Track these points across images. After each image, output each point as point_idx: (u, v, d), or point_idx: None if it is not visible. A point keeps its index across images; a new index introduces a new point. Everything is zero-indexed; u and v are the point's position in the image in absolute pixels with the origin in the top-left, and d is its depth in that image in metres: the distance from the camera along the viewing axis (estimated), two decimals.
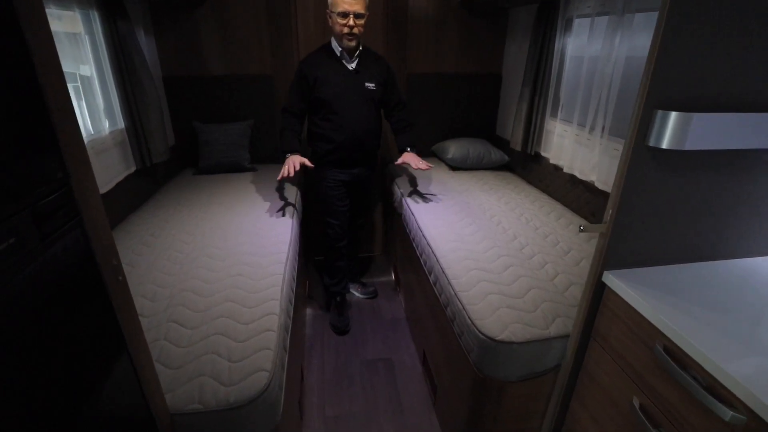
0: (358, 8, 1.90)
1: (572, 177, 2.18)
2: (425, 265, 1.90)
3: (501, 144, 2.96)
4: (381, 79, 2.14)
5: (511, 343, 1.25)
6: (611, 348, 1.08)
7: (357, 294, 2.73)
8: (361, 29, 1.97)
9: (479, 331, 1.30)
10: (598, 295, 1.13)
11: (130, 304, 0.87)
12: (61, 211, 0.69)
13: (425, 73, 2.90)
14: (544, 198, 2.36)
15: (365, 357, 2.22)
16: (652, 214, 1.04)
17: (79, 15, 1.85)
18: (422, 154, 3.00)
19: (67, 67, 1.86)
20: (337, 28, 1.96)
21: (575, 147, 2.13)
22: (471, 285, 1.51)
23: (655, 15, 1.73)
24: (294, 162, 1.97)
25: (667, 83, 0.89)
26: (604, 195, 1.96)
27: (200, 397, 1.04)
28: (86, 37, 1.90)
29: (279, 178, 1.96)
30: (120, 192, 2.02)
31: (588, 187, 2.07)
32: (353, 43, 2.00)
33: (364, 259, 3.15)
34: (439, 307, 1.68)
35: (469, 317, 1.36)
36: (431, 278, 1.79)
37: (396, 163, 2.23)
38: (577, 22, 2.17)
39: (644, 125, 0.92)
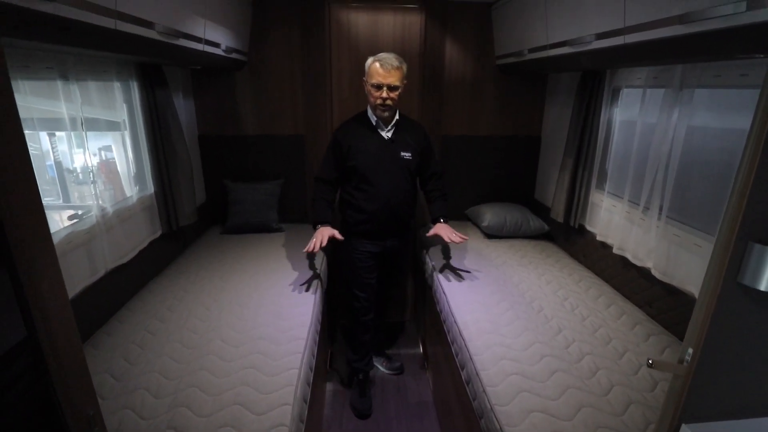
0: (393, 81, 1.85)
1: (623, 259, 1.96)
2: (457, 357, 1.71)
3: (540, 210, 2.78)
4: (417, 148, 2.05)
5: None
6: None
7: (382, 369, 2.53)
8: (396, 100, 1.90)
9: None
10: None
11: None
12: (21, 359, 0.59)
13: (461, 135, 2.81)
14: (590, 277, 2.15)
15: None
16: (745, 359, 0.84)
17: (120, 85, 1.88)
18: (456, 217, 2.88)
19: (101, 141, 1.88)
20: (371, 98, 1.91)
21: (626, 225, 1.93)
22: (510, 396, 1.31)
23: (715, 93, 1.59)
24: (323, 236, 1.89)
25: (766, 210, 0.72)
26: (663, 285, 1.73)
27: None
28: (124, 105, 1.93)
29: (306, 251, 1.87)
30: (141, 258, 1.97)
31: (643, 273, 1.85)
32: (387, 114, 1.93)
33: (390, 326, 2.96)
34: (473, 414, 1.48)
35: (497, 419, 1.16)
36: (463, 375, 1.60)
37: (428, 234, 2.11)
38: (626, 91, 2.03)
39: (735, 259, 0.75)
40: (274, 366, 1.43)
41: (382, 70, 1.84)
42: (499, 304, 1.86)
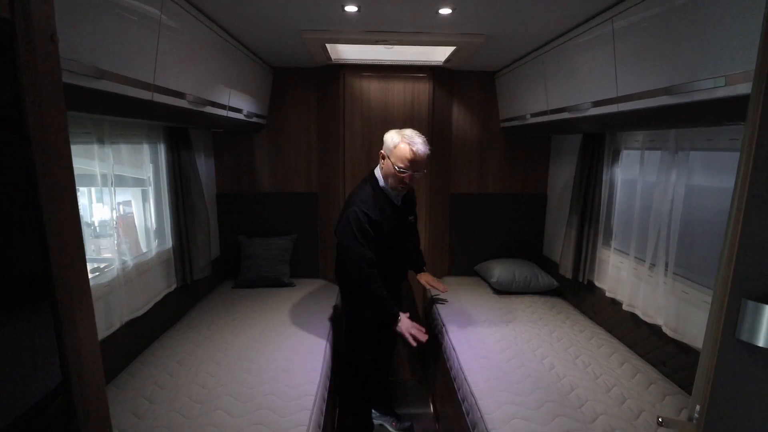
0: (423, 167, 1.92)
1: (634, 315, 1.95)
2: (468, 416, 1.67)
3: (549, 266, 2.80)
4: (414, 208, 2.18)
5: None
6: None
7: (390, 429, 2.44)
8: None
9: None
10: None
11: None
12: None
13: (469, 193, 2.91)
14: (601, 334, 2.12)
15: None
16: (752, 414, 0.84)
17: (148, 147, 2.03)
18: (465, 273, 2.91)
19: (121, 196, 2.00)
20: (394, 178, 1.91)
21: (635, 282, 1.94)
22: None
23: (711, 155, 1.67)
24: (418, 329, 1.94)
25: (758, 268, 0.76)
26: (675, 343, 1.71)
27: None
28: (150, 165, 2.07)
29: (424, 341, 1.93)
30: (155, 311, 2.01)
31: (654, 330, 1.83)
32: (404, 190, 2.01)
33: (399, 384, 2.89)
34: None
35: None
36: None
37: (420, 279, 2.36)
38: (625, 152, 2.13)
39: (731, 315, 0.77)
40: (283, 422, 1.42)
41: (415, 157, 1.84)
42: (509, 361, 1.84)
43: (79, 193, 1.76)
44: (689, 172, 1.68)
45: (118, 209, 1.98)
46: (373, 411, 2.40)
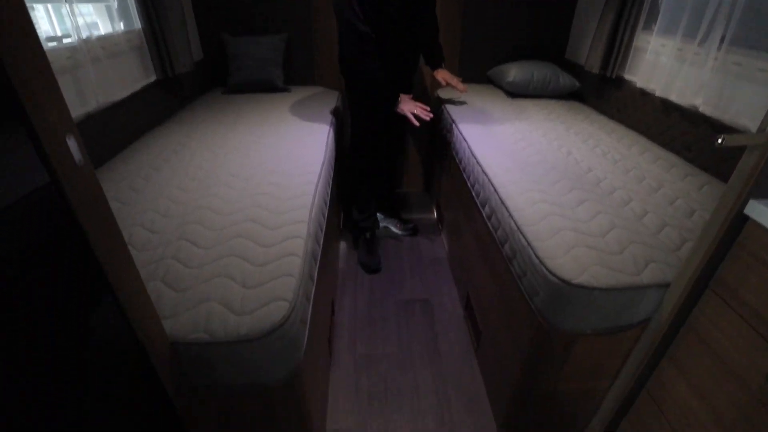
0: None
1: (665, 103, 1.78)
2: (477, 198, 1.62)
3: (571, 69, 2.52)
4: None
5: (592, 288, 0.99)
6: (742, 304, 0.80)
7: (395, 230, 2.51)
8: None
9: (550, 272, 1.04)
10: (731, 232, 0.83)
11: (99, 200, 0.66)
12: None
13: None
14: (623, 130, 1.98)
15: (401, 297, 2.04)
16: None
17: None
18: (478, 80, 2.66)
19: None
20: None
21: (675, 65, 1.71)
22: (537, 219, 1.24)
23: None
24: (421, 108, 1.81)
25: None
26: (708, 123, 1.57)
27: (206, 326, 0.87)
28: None
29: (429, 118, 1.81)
30: (138, 103, 1.82)
31: (686, 114, 1.67)
32: None
33: (402, 195, 2.90)
34: (494, 244, 1.43)
35: (536, 255, 1.10)
36: (485, 211, 1.53)
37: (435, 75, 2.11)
38: None
39: None
40: (288, 193, 1.35)
41: None
42: (524, 150, 1.73)
43: None
44: None
45: None
46: (378, 214, 2.43)
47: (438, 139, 2.42)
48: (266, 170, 1.50)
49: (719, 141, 0.78)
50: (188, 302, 0.92)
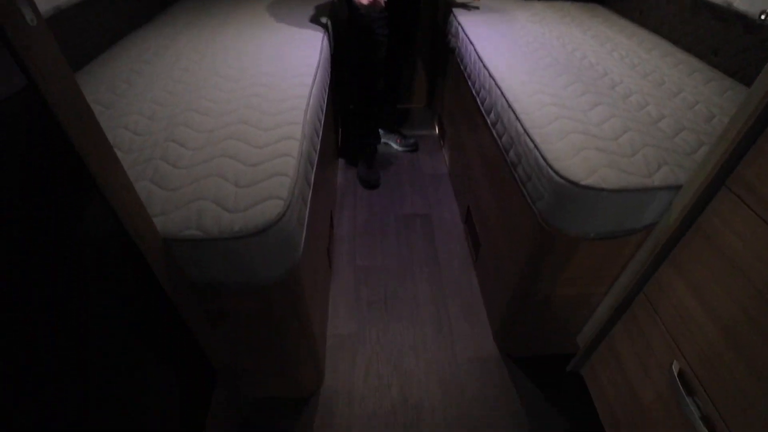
0: None
1: (694, 2, 1.61)
2: (483, 104, 1.53)
3: None
4: None
5: (601, 189, 0.95)
6: (759, 201, 0.76)
7: (395, 146, 2.43)
8: None
9: (557, 173, 0.99)
10: (757, 126, 0.77)
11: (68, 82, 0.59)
12: None
13: None
14: (645, 34, 1.82)
15: (401, 212, 2.02)
16: None
17: None
18: None
19: None
20: None
21: None
22: (546, 122, 1.16)
23: None
24: None
25: None
26: (742, 21, 1.42)
27: (199, 223, 0.84)
28: None
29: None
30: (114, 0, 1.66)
31: (717, 11, 1.52)
32: None
33: (404, 111, 2.78)
34: (498, 151, 1.37)
35: (543, 157, 1.04)
36: (490, 118, 1.44)
37: None
38: None
39: None
40: (281, 94, 1.26)
41: None
42: (535, 52, 1.60)
43: None
44: None
45: None
46: (379, 130, 2.33)
47: (442, 48, 2.25)
48: (258, 72, 1.40)
49: (762, 16, 0.68)
50: (179, 200, 0.88)
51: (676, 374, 0.92)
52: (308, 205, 1.08)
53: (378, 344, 1.53)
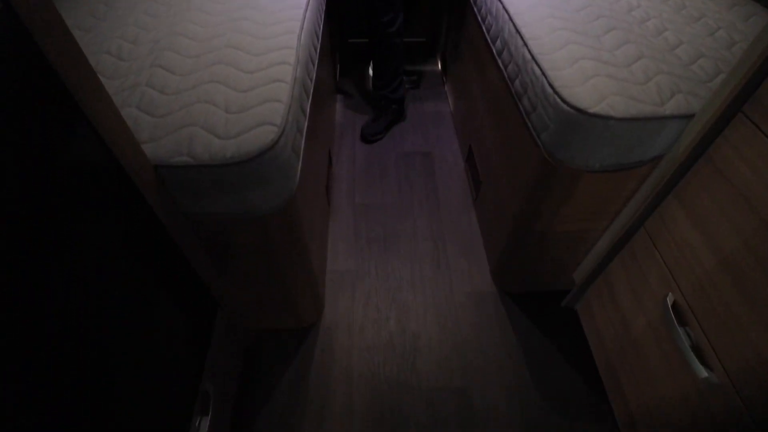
0: None
1: None
2: (488, 33, 1.44)
3: None
4: None
5: (608, 117, 0.90)
6: None
7: None
8: None
9: (563, 101, 0.94)
10: None
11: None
12: None
13: None
14: None
15: (402, 150, 1.98)
16: None
17: None
18: None
19: None
20: None
21: None
22: (555, 47, 1.09)
23: None
24: None
25: None
26: None
27: (189, 150, 0.81)
28: None
29: None
30: None
31: None
32: None
33: (406, 45, 2.62)
34: (502, 83, 1.30)
35: (550, 84, 0.99)
36: (496, 47, 1.36)
37: None
38: None
39: None
40: (272, 17, 1.18)
41: None
42: None
43: None
44: None
45: None
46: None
47: None
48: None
49: None
50: (168, 127, 0.84)
51: (669, 306, 0.93)
52: (304, 135, 1.05)
53: (377, 279, 1.56)
